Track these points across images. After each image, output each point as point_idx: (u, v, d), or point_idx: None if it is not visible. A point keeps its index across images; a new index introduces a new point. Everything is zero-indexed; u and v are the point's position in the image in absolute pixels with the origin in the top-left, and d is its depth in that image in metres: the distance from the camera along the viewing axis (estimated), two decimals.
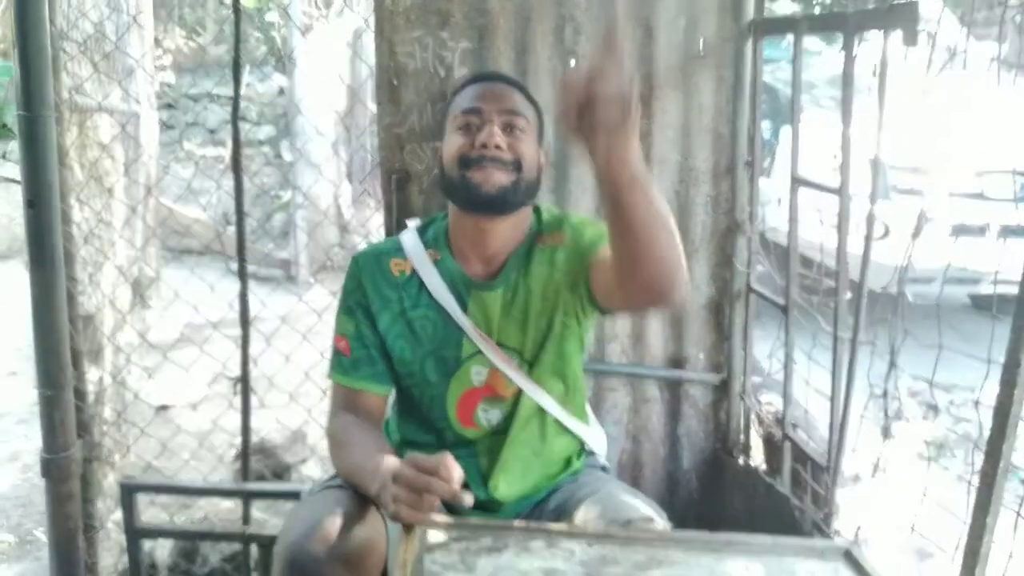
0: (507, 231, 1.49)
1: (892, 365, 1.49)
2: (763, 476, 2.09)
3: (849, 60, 1.65)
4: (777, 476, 2.06)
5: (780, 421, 2.07)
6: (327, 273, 6.31)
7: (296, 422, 3.04)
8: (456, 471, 1.18)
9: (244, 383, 2.11)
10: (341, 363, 1.51)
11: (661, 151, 2.13)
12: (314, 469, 3.10)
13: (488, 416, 1.53)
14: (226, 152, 7.28)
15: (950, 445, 4.34)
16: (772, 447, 2.17)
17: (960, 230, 4.70)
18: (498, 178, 1.40)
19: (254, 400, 2.19)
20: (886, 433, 1.63)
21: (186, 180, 6.02)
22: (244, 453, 2.23)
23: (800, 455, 1.99)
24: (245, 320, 2.12)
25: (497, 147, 1.40)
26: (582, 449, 1.64)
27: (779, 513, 2.01)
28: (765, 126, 5.28)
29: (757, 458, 2.23)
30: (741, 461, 2.20)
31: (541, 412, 1.54)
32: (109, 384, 2.38)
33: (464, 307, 1.50)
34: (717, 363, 2.23)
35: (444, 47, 2.05)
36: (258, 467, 3.06)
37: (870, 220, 1.61)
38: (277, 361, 2.69)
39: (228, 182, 2.21)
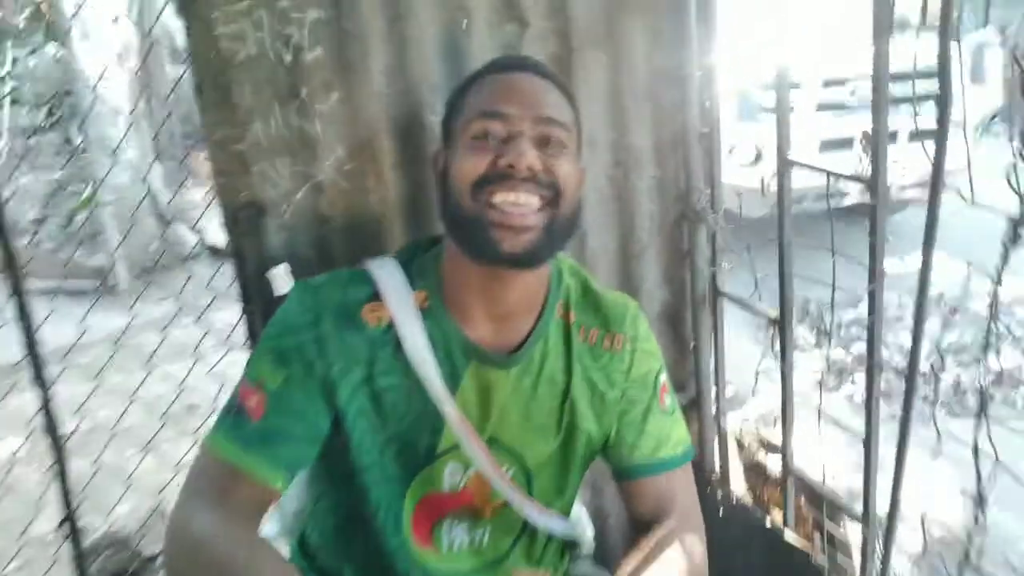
0: (530, 284, 1.07)
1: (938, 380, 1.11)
2: (754, 514, 1.73)
3: None
4: (768, 512, 1.71)
5: (768, 447, 1.70)
6: (152, 275, 5.46)
7: (149, 482, 2.35)
8: None
9: (72, 525, 1.51)
10: (240, 426, 0.99)
11: (588, 129, 1.63)
12: None
13: (453, 536, 1.10)
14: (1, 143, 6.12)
15: (849, 369, 4.26)
16: (758, 476, 1.81)
17: (827, 145, 4.68)
18: (527, 231, 0.98)
19: (86, 466, 1.55)
20: (977, 515, 1.25)
21: None
22: None
23: (805, 488, 1.64)
24: (54, 433, 1.50)
25: (530, 168, 0.98)
26: (566, 547, 1.25)
27: (780, 557, 1.66)
28: None
29: (738, 486, 1.87)
30: (721, 494, 1.83)
31: (530, 532, 1.14)
32: None
33: (455, 382, 1.03)
34: (682, 380, 1.82)
35: (287, 20, 1.43)
36: (112, 567, 2.44)
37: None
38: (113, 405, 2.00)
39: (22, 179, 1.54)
